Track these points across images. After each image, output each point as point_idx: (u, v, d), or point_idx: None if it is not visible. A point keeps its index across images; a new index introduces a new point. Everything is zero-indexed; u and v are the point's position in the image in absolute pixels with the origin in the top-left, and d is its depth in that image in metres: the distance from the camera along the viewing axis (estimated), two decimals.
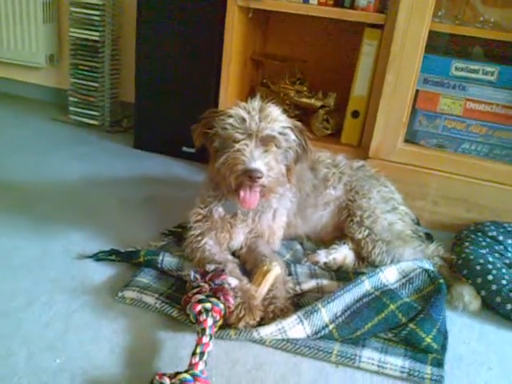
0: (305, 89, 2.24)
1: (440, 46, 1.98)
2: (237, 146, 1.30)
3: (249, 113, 1.33)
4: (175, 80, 2.29)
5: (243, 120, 1.32)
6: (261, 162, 1.29)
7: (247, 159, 1.28)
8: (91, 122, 2.66)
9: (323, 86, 2.26)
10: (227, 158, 1.31)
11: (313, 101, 2.22)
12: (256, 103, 1.37)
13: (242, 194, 1.32)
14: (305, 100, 2.23)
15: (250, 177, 1.28)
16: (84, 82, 2.62)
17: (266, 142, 1.33)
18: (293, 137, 1.39)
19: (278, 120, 1.36)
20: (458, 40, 1.95)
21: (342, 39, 2.29)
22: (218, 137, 1.36)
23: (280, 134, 1.35)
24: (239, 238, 1.48)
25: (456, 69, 1.86)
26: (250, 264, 1.45)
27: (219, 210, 1.45)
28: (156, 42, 2.26)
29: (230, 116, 1.33)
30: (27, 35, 2.76)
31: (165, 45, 2.25)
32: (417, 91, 1.88)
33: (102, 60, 2.56)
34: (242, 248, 1.50)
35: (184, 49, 2.23)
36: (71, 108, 2.69)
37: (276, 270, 1.32)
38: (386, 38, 1.89)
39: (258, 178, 1.28)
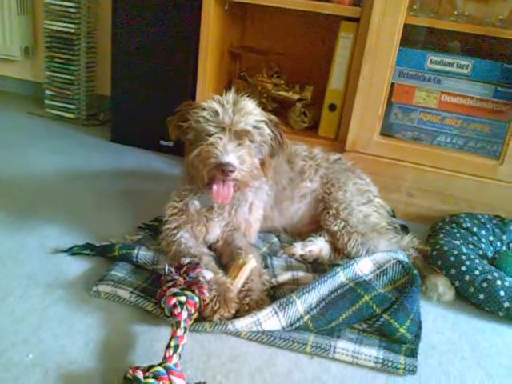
0: (282, 82, 2.24)
1: (416, 39, 2.00)
2: (210, 139, 1.29)
3: (223, 106, 1.33)
4: (152, 73, 2.27)
5: (217, 113, 1.31)
6: (233, 155, 1.28)
7: (219, 153, 1.27)
8: (67, 115, 2.63)
9: (300, 79, 2.26)
10: (200, 151, 1.30)
11: (290, 94, 2.22)
12: (230, 96, 1.36)
13: (214, 187, 1.32)
14: (282, 93, 2.23)
15: (222, 170, 1.27)
16: (60, 75, 2.58)
17: (240, 135, 1.32)
18: (267, 131, 1.38)
19: (252, 113, 1.35)
20: (434, 33, 1.97)
21: (319, 32, 2.29)
22: (192, 130, 1.35)
23: (254, 127, 1.35)
24: (215, 232, 1.48)
25: (431, 62, 1.87)
26: (225, 257, 1.45)
27: (195, 204, 1.45)
28: (132, 34, 2.23)
29: (204, 109, 1.33)
30: (1, 27, 2.70)
31: (141, 37, 2.23)
32: (392, 84, 1.89)
33: (77, 53, 2.53)
34: (218, 241, 1.49)
35: (161, 41, 2.21)
36: (47, 101, 2.65)
37: (252, 263, 1.32)
38: (361, 31, 1.89)
39: (231, 171, 1.27)
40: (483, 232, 1.66)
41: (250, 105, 1.37)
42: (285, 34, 2.36)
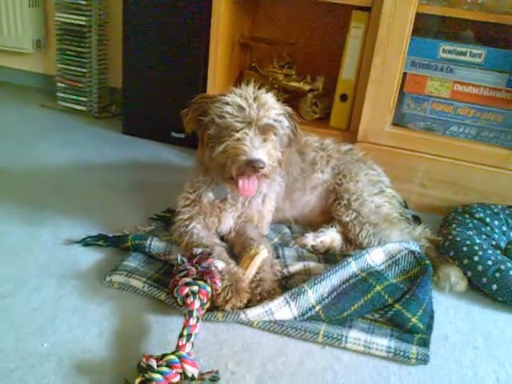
0: (293, 72, 2.23)
1: (428, 28, 1.98)
2: (237, 135, 1.28)
3: (246, 100, 1.31)
4: (163, 65, 2.27)
5: (241, 108, 1.30)
6: (262, 151, 1.28)
7: (249, 149, 1.26)
8: (79, 107, 2.64)
9: (312, 69, 2.25)
10: (226, 147, 1.29)
11: (301, 84, 2.21)
12: (250, 90, 1.35)
13: (241, 182, 1.31)
14: (293, 84, 2.23)
15: (253, 167, 1.27)
16: (71, 68, 2.59)
17: (265, 130, 1.32)
18: (286, 123, 1.39)
19: (274, 107, 1.35)
20: (447, 22, 1.95)
21: (331, 22, 2.28)
22: (214, 124, 1.33)
23: (275, 121, 1.34)
24: (228, 223, 1.48)
25: (443, 51, 1.85)
26: (237, 248, 1.45)
27: (209, 195, 1.45)
28: (143, 26, 2.23)
29: (227, 103, 1.31)
30: (13, 20, 2.72)
31: (152, 29, 2.23)
32: (404, 74, 1.88)
33: (89, 45, 2.53)
34: (230, 232, 1.50)
35: (172, 33, 2.21)
36: (59, 94, 2.66)
37: (263, 253, 1.32)
38: (373, 21, 1.88)
39: (261, 168, 1.27)
40: (496, 222, 1.65)
41: (270, 98, 1.36)
42: (295, 24, 2.35)
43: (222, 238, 1.49)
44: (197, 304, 1.12)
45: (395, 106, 1.89)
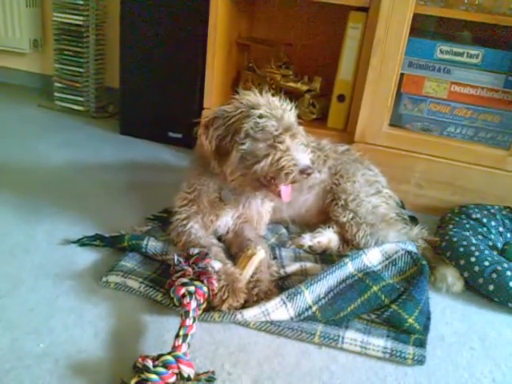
0: (291, 73, 2.24)
1: (426, 29, 1.98)
2: (281, 146, 1.29)
3: (276, 109, 1.33)
4: (161, 65, 2.27)
5: (277, 118, 1.31)
6: (307, 156, 1.31)
7: (299, 159, 1.29)
8: (77, 107, 2.64)
9: (309, 69, 2.26)
10: (273, 159, 1.29)
11: (299, 85, 2.21)
12: (269, 97, 1.37)
13: (283, 189, 1.33)
14: (291, 84, 2.23)
15: (306, 174, 1.29)
16: (69, 68, 2.59)
17: (295, 134, 1.33)
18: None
19: (292, 110, 1.38)
20: (444, 23, 1.96)
21: (328, 23, 2.28)
22: (250, 139, 1.31)
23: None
24: (227, 223, 1.48)
25: (441, 52, 1.86)
26: (235, 248, 1.45)
27: (209, 195, 1.44)
28: (141, 26, 2.23)
29: (261, 116, 1.30)
30: (10, 20, 2.72)
31: (150, 29, 2.23)
32: (402, 75, 1.88)
33: (86, 45, 2.53)
34: (228, 233, 1.50)
35: (169, 33, 2.21)
36: (56, 94, 2.66)
37: (260, 254, 1.32)
38: (370, 21, 1.88)
39: (312, 172, 1.32)
40: (493, 223, 1.65)
41: (288, 105, 1.39)
42: (293, 25, 2.35)
43: (219, 239, 1.49)
44: (193, 304, 1.12)
45: (392, 106, 1.90)
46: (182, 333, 1.05)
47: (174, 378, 0.95)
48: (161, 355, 0.98)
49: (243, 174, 1.34)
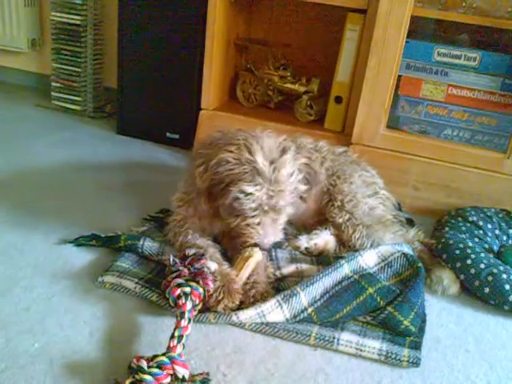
0: (288, 74, 2.24)
1: (423, 31, 1.98)
2: (249, 221, 1.28)
3: (262, 184, 1.24)
4: (159, 65, 2.27)
5: (256, 197, 1.25)
6: (272, 235, 1.30)
7: (260, 237, 1.29)
8: (74, 107, 2.63)
9: (307, 71, 2.26)
10: (238, 225, 1.30)
11: (296, 86, 2.21)
12: (267, 164, 1.25)
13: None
14: (288, 85, 2.23)
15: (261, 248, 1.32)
16: (66, 67, 2.58)
17: (278, 211, 1.30)
18: (302, 187, 1.35)
19: (289, 183, 1.28)
20: (442, 26, 1.96)
21: (326, 24, 2.28)
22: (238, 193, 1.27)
23: (291, 193, 1.31)
24: (223, 225, 1.47)
25: (438, 54, 1.86)
26: (231, 250, 1.45)
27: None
28: (139, 26, 2.23)
29: (242, 192, 1.24)
30: (8, 19, 2.71)
31: (148, 29, 2.23)
32: (399, 77, 1.88)
33: (84, 45, 2.52)
34: (224, 234, 1.49)
35: (167, 34, 2.21)
36: (54, 93, 2.65)
37: (257, 256, 1.32)
38: (368, 23, 1.89)
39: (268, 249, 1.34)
40: (489, 226, 1.65)
41: (287, 172, 1.28)
42: (291, 26, 2.36)
43: (215, 240, 1.48)
44: (188, 305, 1.12)
45: (390, 108, 1.90)
46: (177, 334, 1.05)
47: (168, 379, 0.95)
48: (155, 356, 0.98)
49: (223, 217, 1.35)
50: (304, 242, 1.52)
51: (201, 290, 1.16)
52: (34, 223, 1.55)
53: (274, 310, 1.18)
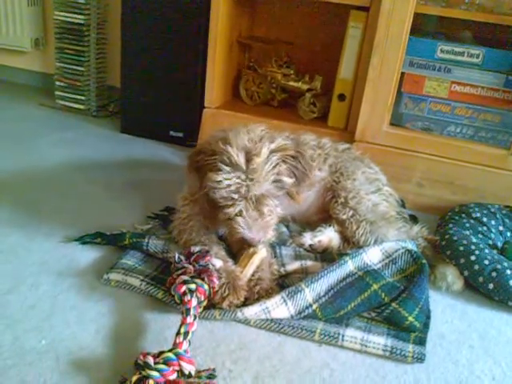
0: (292, 72, 2.24)
1: (426, 28, 1.99)
2: (230, 212, 1.27)
3: (237, 171, 1.23)
4: (162, 64, 2.28)
5: (233, 186, 1.24)
6: (256, 229, 1.26)
7: (242, 230, 1.26)
8: (78, 106, 2.64)
9: (310, 69, 2.26)
10: (222, 217, 1.30)
11: (299, 84, 2.21)
12: (241, 155, 1.24)
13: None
14: (292, 83, 2.23)
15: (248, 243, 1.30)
16: (70, 66, 2.59)
17: (261, 200, 1.27)
18: (287, 180, 1.31)
19: (267, 171, 1.25)
20: (445, 23, 1.96)
21: (329, 22, 2.28)
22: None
23: (274, 182, 1.28)
24: None
25: (441, 51, 1.86)
26: (236, 247, 1.45)
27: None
28: (142, 25, 2.24)
29: (218, 181, 1.24)
30: (11, 18, 2.72)
31: (151, 28, 2.23)
32: (402, 74, 1.88)
33: (87, 44, 2.53)
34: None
35: (170, 32, 2.21)
36: (57, 92, 2.66)
37: (262, 253, 1.32)
38: (371, 21, 1.89)
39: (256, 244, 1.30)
40: (493, 222, 1.65)
41: (263, 159, 1.25)
42: (294, 24, 2.35)
43: (220, 237, 1.49)
44: (194, 302, 1.12)
45: (393, 105, 1.90)
46: (182, 330, 1.05)
47: (175, 375, 0.96)
48: (162, 352, 0.99)
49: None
50: (308, 239, 1.52)
51: (206, 286, 1.17)
52: (38, 222, 1.56)
53: (279, 307, 1.18)
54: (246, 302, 1.22)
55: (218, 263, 1.26)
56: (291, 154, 1.32)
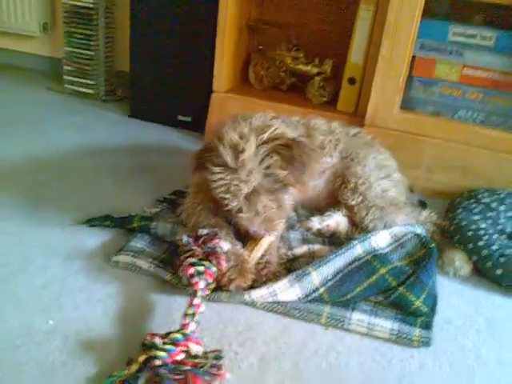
0: (301, 55, 2.22)
1: (438, 10, 1.95)
2: (231, 209, 1.26)
3: (225, 170, 1.21)
4: (170, 48, 2.27)
5: (224, 185, 1.22)
6: (258, 225, 1.25)
7: (246, 225, 1.26)
8: (86, 90, 2.64)
9: (320, 52, 2.24)
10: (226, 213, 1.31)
11: (309, 67, 2.20)
12: (229, 153, 1.21)
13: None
14: (301, 67, 2.22)
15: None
16: (78, 51, 2.59)
17: (253, 198, 1.24)
18: (280, 172, 1.24)
19: (256, 167, 1.21)
20: (457, 5, 1.93)
21: (339, 4, 2.25)
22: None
23: (266, 176, 1.24)
24: None
25: (454, 34, 1.83)
26: (244, 230, 1.45)
27: None
28: (151, 9, 2.23)
29: (214, 181, 1.23)
30: (20, 3, 2.72)
31: (160, 12, 2.22)
32: (413, 58, 1.86)
33: (96, 28, 2.53)
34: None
35: (179, 17, 2.20)
36: (66, 77, 2.67)
37: (270, 237, 1.32)
38: (382, 3, 1.86)
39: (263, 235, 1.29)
40: (502, 207, 1.63)
41: (249, 155, 1.20)
42: (304, 6, 2.33)
43: (229, 222, 1.49)
44: (201, 284, 1.13)
45: (403, 89, 1.88)
46: (190, 312, 1.06)
47: (182, 356, 0.96)
48: (169, 333, 0.99)
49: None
50: (316, 223, 1.52)
51: (214, 268, 1.17)
52: (46, 205, 1.56)
53: (286, 290, 1.19)
54: (254, 285, 1.22)
55: (226, 246, 1.25)
56: (283, 143, 1.25)
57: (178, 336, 0.98)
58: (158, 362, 0.94)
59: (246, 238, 1.39)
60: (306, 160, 1.27)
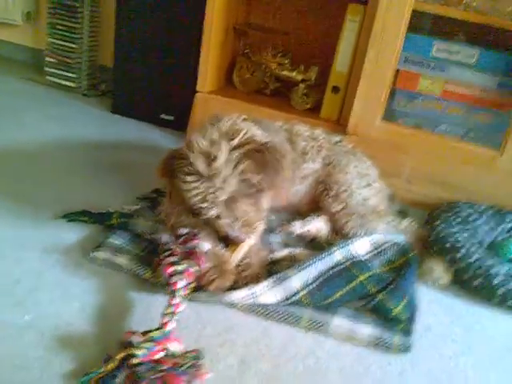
0: (287, 62, 2.23)
1: (423, 26, 1.99)
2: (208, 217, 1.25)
3: (198, 180, 1.20)
4: (155, 46, 2.25)
5: (198, 194, 1.21)
6: (239, 230, 1.24)
7: (225, 231, 1.25)
8: (68, 83, 2.60)
9: (305, 59, 2.25)
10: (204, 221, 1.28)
11: (294, 74, 2.21)
12: (201, 161, 1.20)
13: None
14: (286, 73, 2.22)
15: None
16: (61, 43, 2.54)
17: (230, 201, 1.24)
18: (255, 178, 1.24)
19: (231, 174, 1.21)
20: (442, 22, 1.97)
21: (326, 13, 2.27)
22: None
23: (241, 181, 1.23)
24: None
25: (437, 50, 1.87)
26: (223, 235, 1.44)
27: None
28: (137, 5, 2.21)
29: (188, 190, 1.22)
30: None
31: (146, 8, 2.20)
32: (397, 71, 1.89)
33: (80, 20, 2.49)
34: None
35: (166, 14, 2.19)
36: (47, 69, 2.62)
37: (251, 239, 1.32)
38: (369, 15, 1.89)
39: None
40: (480, 221, 1.67)
41: (221, 162, 1.19)
42: (291, 14, 2.34)
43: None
44: (180, 283, 1.11)
45: (386, 101, 1.90)
46: (169, 311, 1.04)
47: (161, 354, 0.95)
48: (148, 331, 0.98)
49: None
50: (297, 227, 1.52)
51: (194, 268, 1.16)
52: (23, 198, 1.53)
53: (267, 292, 1.18)
54: (234, 286, 1.21)
55: (206, 246, 1.24)
56: (254, 147, 1.24)
57: (157, 334, 0.97)
58: (135, 361, 0.93)
59: (225, 241, 1.39)
60: (277, 166, 1.27)
